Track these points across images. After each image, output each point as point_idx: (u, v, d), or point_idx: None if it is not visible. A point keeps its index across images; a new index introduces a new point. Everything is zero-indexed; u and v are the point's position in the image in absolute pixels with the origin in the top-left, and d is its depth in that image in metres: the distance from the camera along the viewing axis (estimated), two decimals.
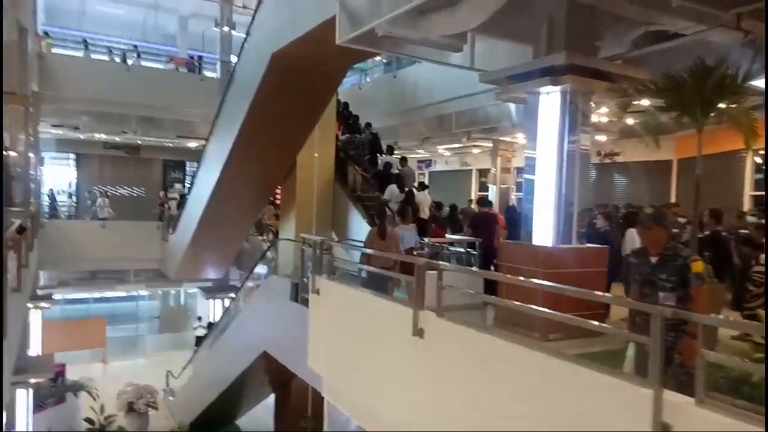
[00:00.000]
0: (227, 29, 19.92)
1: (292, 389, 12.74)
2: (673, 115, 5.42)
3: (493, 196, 17.41)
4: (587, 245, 6.27)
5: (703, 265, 3.87)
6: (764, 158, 11.04)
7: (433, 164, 23.76)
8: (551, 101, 5.73)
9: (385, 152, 13.59)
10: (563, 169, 5.72)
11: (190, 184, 19.29)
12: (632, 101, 5.77)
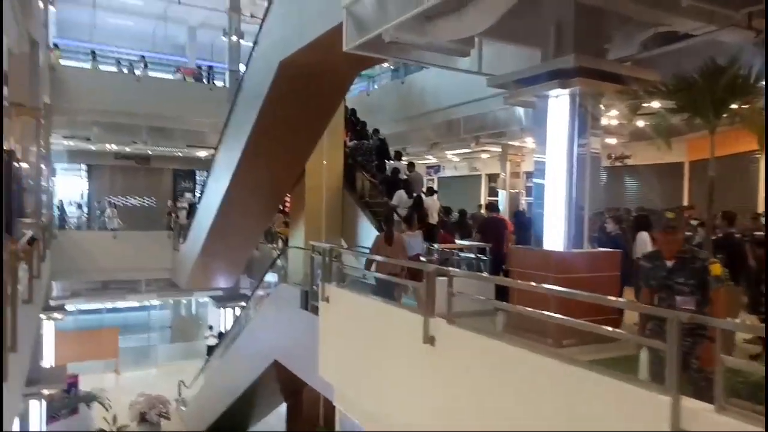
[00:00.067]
0: (235, 38, 20.05)
1: (303, 398, 12.70)
2: (684, 116, 5.35)
3: (502, 200, 17.33)
4: (599, 249, 6.19)
5: (720, 267, 3.79)
6: (765, 159, 10.88)
7: (441, 170, 23.69)
8: (560, 104, 5.67)
9: (392, 158, 13.58)
10: (573, 172, 5.65)
11: (200, 193, 19.38)
12: (642, 103, 5.70)
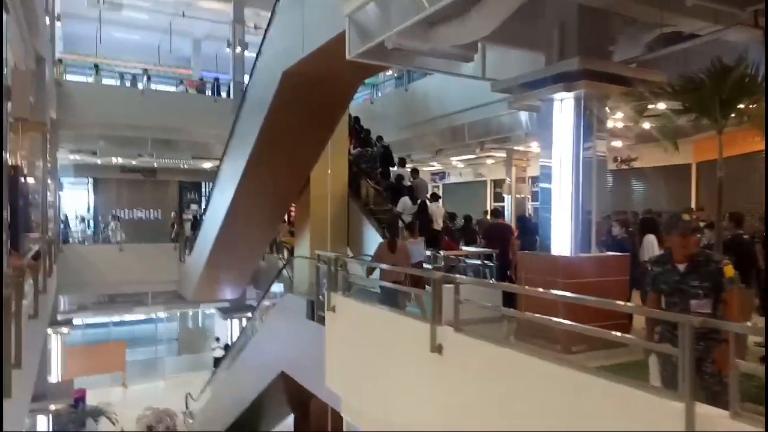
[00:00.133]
0: (239, 50, 20.15)
1: (311, 408, 12.61)
2: (691, 117, 5.28)
3: (508, 206, 17.25)
4: (608, 253, 6.12)
5: (733, 269, 3.70)
6: (765, 159, 10.76)
7: (447, 176, 23.65)
8: (565, 108, 5.63)
9: (396, 165, 13.57)
10: (580, 176, 5.60)
11: (205, 204, 19.42)
12: (648, 105, 5.64)
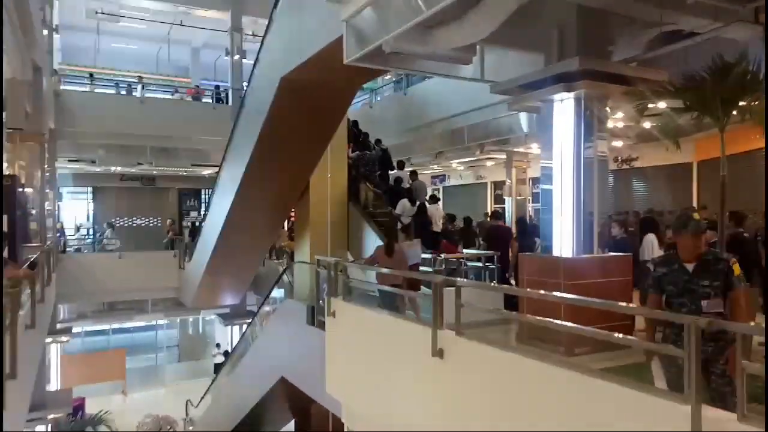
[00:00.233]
0: (238, 57, 20.15)
1: (312, 414, 12.52)
2: (692, 115, 5.24)
3: (509, 208, 17.21)
4: (610, 254, 6.07)
5: (739, 267, 3.65)
6: (766, 158, 10.72)
7: (447, 179, 23.64)
8: (566, 108, 5.59)
9: (395, 167, 13.54)
10: (581, 177, 5.55)
11: (204, 211, 19.40)
12: (649, 104, 5.60)
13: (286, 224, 16.28)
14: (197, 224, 19.87)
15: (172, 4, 19.62)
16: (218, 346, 20.98)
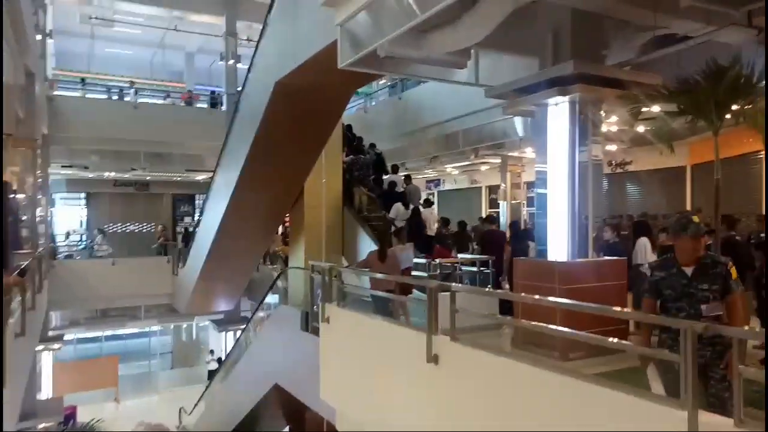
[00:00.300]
0: (232, 62, 20.12)
1: (306, 420, 12.43)
2: (686, 119, 5.24)
3: (504, 212, 17.23)
4: (605, 258, 6.07)
5: (735, 271, 3.63)
6: (765, 160, 10.79)
7: (441, 184, 23.65)
8: (560, 112, 5.59)
9: (389, 171, 13.52)
10: (575, 180, 5.55)
11: (198, 216, 19.32)
12: (643, 108, 5.60)
13: (280, 228, 16.21)
14: (190, 230, 19.82)
15: (166, 9, 19.58)
16: (212, 352, 20.85)
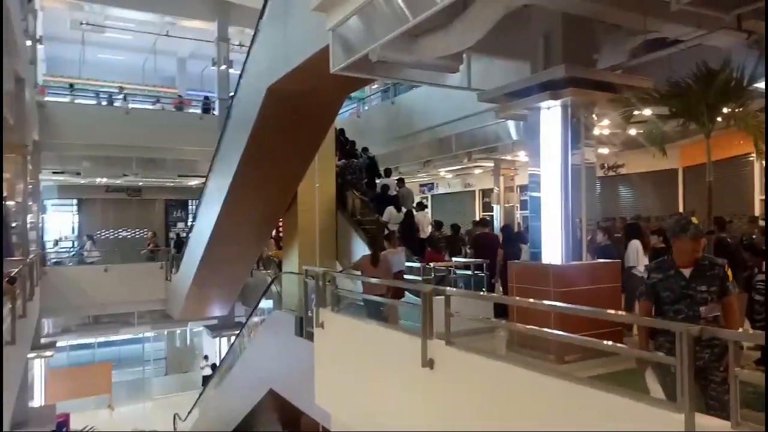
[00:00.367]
0: (224, 67, 20.09)
1: (302, 425, 12.38)
2: (678, 122, 5.27)
3: (497, 215, 17.26)
4: (599, 261, 6.08)
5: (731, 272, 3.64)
6: (765, 162, 10.87)
7: (435, 187, 23.68)
8: (552, 116, 5.60)
9: (382, 175, 13.52)
10: (569, 183, 5.56)
11: (191, 222, 19.25)
12: (635, 111, 5.63)
13: (273, 233, 16.16)
14: (182, 236, 19.75)
15: (157, 14, 19.53)
16: (206, 358, 20.74)
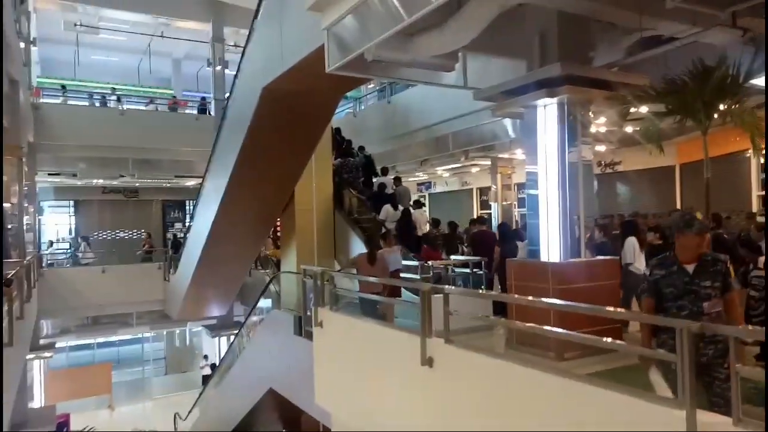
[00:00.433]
0: (219, 68, 20.05)
1: (302, 424, 12.39)
2: (675, 119, 5.28)
3: (495, 213, 17.27)
4: (597, 258, 6.09)
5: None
6: (765, 159, 10.91)
7: (432, 186, 23.68)
8: (549, 114, 5.61)
9: (379, 173, 13.52)
10: (566, 181, 5.57)
11: (188, 223, 19.24)
12: (631, 108, 5.64)
13: (272, 231, 16.15)
14: (178, 236, 19.70)
15: (151, 15, 19.47)
16: (206, 357, 20.74)
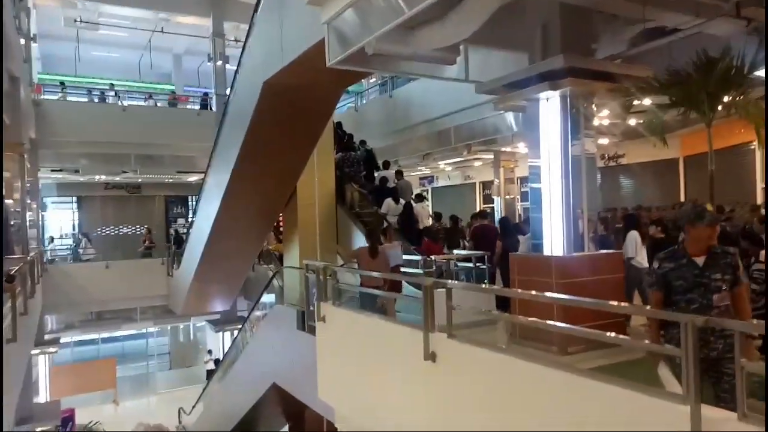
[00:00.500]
0: (220, 63, 20.00)
1: (306, 418, 12.44)
2: (678, 111, 5.24)
3: (498, 207, 17.23)
4: (601, 251, 6.06)
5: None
6: (765, 150, 10.84)
7: (435, 180, 23.64)
8: (551, 106, 5.56)
9: (381, 167, 13.49)
10: (569, 174, 5.53)
11: (191, 218, 19.27)
12: (635, 101, 5.59)
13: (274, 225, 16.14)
14: (180, 232, 19.74)
15: (152, 10, 19.41)
16: (210, 352, 20.82)
